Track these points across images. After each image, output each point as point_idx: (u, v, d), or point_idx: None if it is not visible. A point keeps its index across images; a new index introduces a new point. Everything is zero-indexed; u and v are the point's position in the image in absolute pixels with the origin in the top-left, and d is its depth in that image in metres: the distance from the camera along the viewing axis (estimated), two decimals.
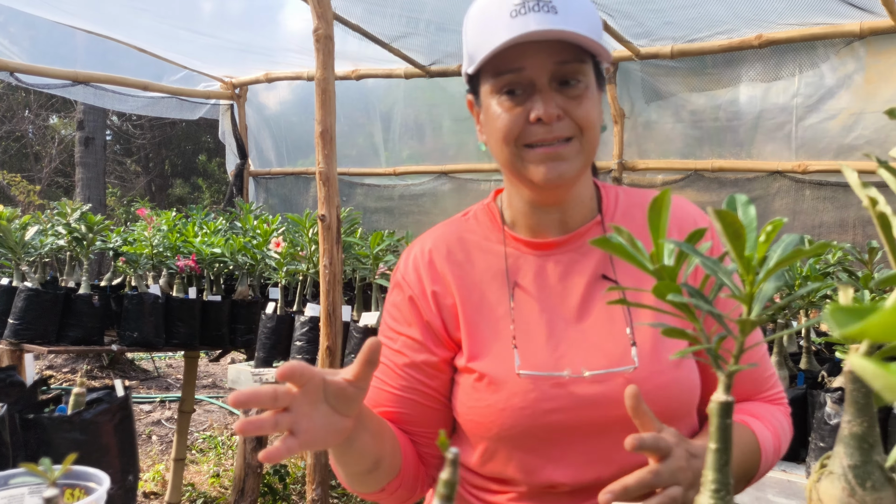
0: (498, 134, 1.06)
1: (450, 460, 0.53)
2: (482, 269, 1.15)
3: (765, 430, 1.09)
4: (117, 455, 1.41)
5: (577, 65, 1.04)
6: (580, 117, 1.05)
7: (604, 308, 1.09)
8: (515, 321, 1.09)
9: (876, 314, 0.25)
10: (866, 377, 0.29)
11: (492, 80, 1.06)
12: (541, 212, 1.14)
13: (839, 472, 0.69)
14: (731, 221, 0.59)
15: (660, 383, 1.04)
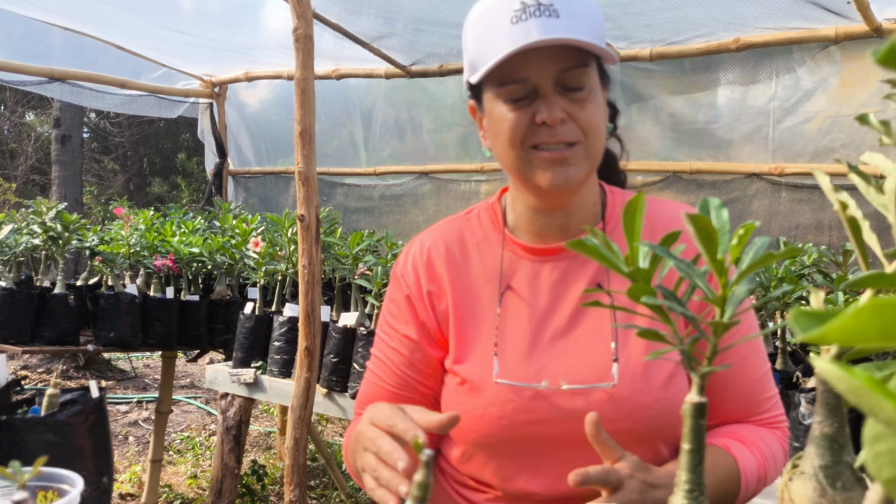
0: (504, 136, 1.05)
1: (424, 462, 0.53)
2: (478, 271, 1.15)
3: (748, 456, 1.04)
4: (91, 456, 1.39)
5: (581, 69, 1.02)
6: (584, 121, 1.04)
7: (593, 320, 1.08)
8: (500, 328, 1.09)
9: (836, 319, 0.25)
10: (830, 380, 0.30)
11: (496, 89, 1.05)
12: (544, 217, 1.13)
13: (810, 473, 0.70)
14: (703, 225, 0.60)
15: (641, 403, 1.02)
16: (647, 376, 1.04)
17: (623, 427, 1.01)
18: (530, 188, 1.08)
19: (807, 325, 0.27)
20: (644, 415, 1.02)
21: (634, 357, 1.05)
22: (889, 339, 0.27)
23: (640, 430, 1.02)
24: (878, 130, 0.66)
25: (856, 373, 0.28)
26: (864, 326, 0.26)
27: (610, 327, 1.07)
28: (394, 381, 1.16)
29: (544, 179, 1.04)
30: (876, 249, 0.66)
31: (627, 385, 1.03)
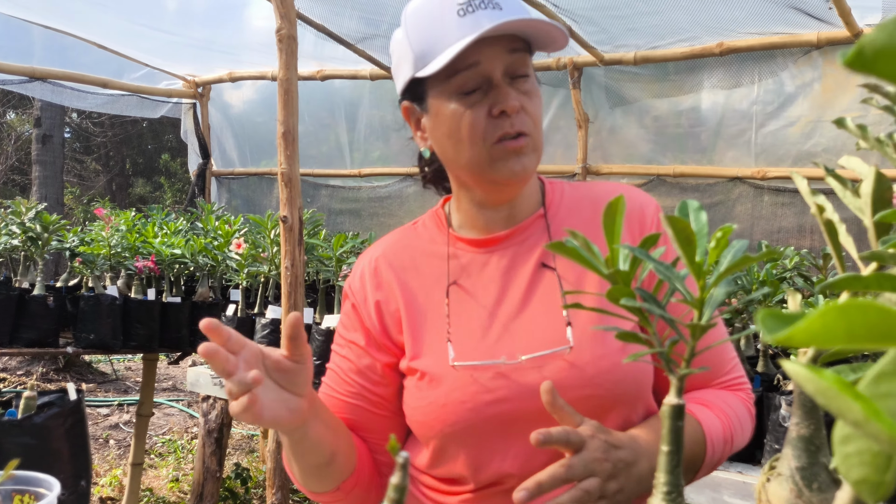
0: (462, 134, 1.06)
1: (400, 464, 0.53)
2: (426, 274, 1.17)
3: (713, 419, 1.05)
4: (69, 460, 1.38)
5: (525, 55, 1.07)
6: (533, 113, 1.07)
7: (544, 295, 1.10)
8: (451, 317, 1.11)
9: (802, 320, 0.25)
10: (799, 382, 0.30)
11: (445, 81, 1.05)
12: (490, 211, 1.15)
13: (787, 474, 0.70)
14: (682, 228, 0.60)
15: (602, 368, 1.03)
16: (604, 342, 1.05)
17: (587, 394, 1.02)
18: (484, 183, 1.10)
19: (773, 327, 0.27)
20: (606, 379, 1.03)
21: (591, 323, 1.06)
22: (855, 339, 0.27)
23: (605, 396, 1.03)
24: (855, 135, 0.67)
25: (824, 375, 0.28)
26: (830, 328, 0.26)
27: (560, 299, 1.09)
28: (344, 389, 1.17)
29: (505, 170, 1.06)
30: (852, 252, 0.67)
31: (587, 351, 1.04)
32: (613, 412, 1.04)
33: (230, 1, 3.96)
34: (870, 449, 0.33)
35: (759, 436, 1.84)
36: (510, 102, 1.04)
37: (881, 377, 0.34)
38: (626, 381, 1.04)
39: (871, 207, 0.62)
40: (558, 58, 3.79)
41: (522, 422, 1.03)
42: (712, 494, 1.72)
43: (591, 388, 1.02)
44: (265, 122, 4.98)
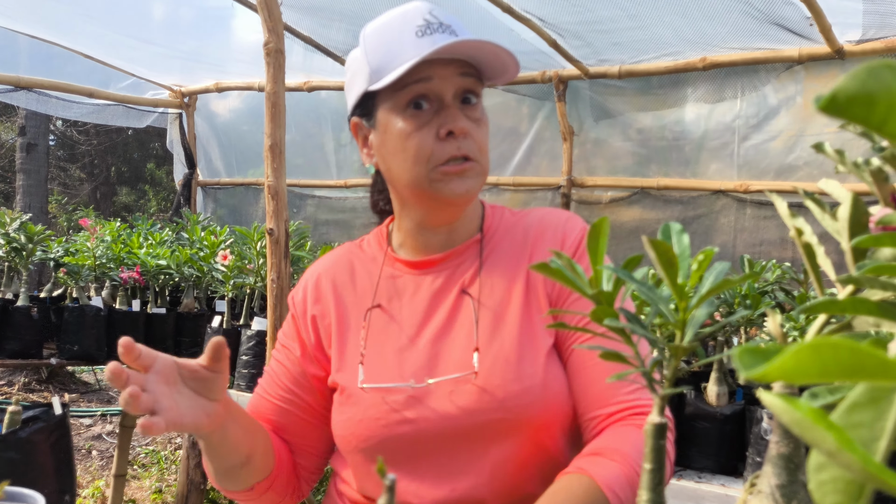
0: (408, 153, 1.07)
1: (387, 487, 0.53)
2: (361, 291, 1.19)
3: (607, 467, 0.97)
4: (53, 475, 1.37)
5: (476, 81, 1.09)
6: (480, 139, 1.09)
7: (464, 320, 1.12)
8: (367, 339, 1.14)
9: (778, 358, 0.26)
10: (775, 411, 0.31)
11: (396, 95, 1.07)
12: (429, 232, 1.17)
13: (767, 492, 0.71)
14: (664, 250, 0.61)
15: (512, 392, 1.04)
16: (518, 365, 1.06)
17: (499, 417, 1.04)
18: (426, 202, 1.12)
19: (750, 364, 0.28)
20: (517, 403, 1.04)
21: (506, 347, 1.08)
22: (827, 376, 0.28)
23: (515, 419, 1.04)
24: (833, 159, 0.69)
25: (799, 406, 0.30)
26: (803, 365, 0.27)
27: (481, 321, 1.11)
28: (276, 393, 1.20)
29: (447, 191, 1.08)
30: (830, 274, 0.68)
31: (498, 375, 1.05)
32: (524, 435, 1.05)
33: (217, 12, 3.97)
34: (843, 476, 0.34)
35: (741, 449, 1.86)
36: (458, 124, 1.06)
37: (853, 408, 0.35)
38: (537, 405, 1.05)
39: (849, 231, 0.64)
40: (543, 71, 3.82)
41: (431, 443, 1.06)
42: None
43: (501, 412, 1.04)
44: (251, 132, 4.97)
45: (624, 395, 1.07)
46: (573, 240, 1.16)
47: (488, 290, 1.13)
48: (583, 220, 1.20)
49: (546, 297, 1.13)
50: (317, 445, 1.21)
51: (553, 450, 1.09)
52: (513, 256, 1.16)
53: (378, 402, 1.08)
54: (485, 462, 1.06)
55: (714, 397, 1.88)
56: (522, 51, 3.61)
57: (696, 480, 1.80)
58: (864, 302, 0.56)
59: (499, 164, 4.17)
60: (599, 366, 1.07)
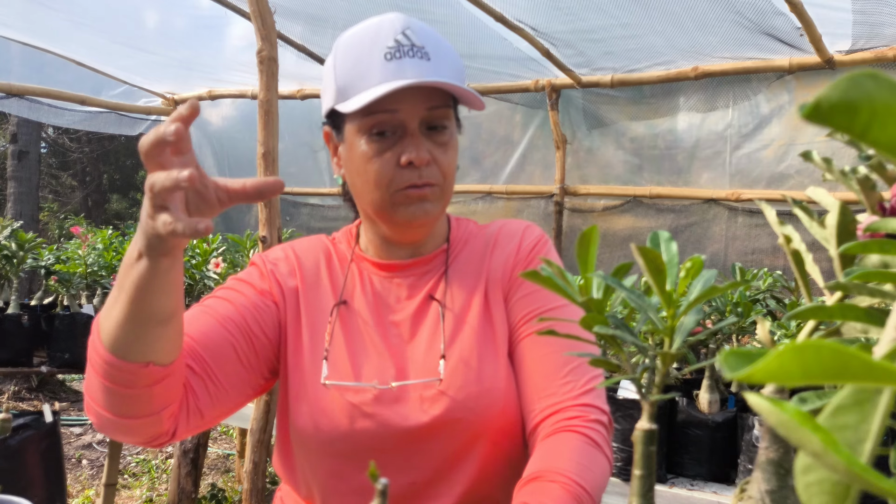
0: (368, 177, 1.07)
1: (379, 491, 0.53)
2: (328, 286, 1.18)
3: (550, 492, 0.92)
4: (44, 483, 1.36)
5: (446, 109, 1.07)
6: (445, 165, 1.08)
7: (429, 326, 1.13)
8: (333, 335, 1.12)
9: (761, 360, 0.26)
10: (761, 413, 0.31)
11: (361, 119, 1.05)
12: (395, 247, 1.17)
13: (757, 497, 0.72)
14: (653, 258, 0.62)
15: (472, 394, 1.06)
16: (479, 369, 1.07)
17: (458, 417, 1.05)
18: (388, 222, 1.12)
19: (734, 366, 0.28)
20: (477, 404, 1.05)
21: (466, 351, 1.09)
22: (811, 377, 0.28)
23: (475, 421, 1.05)
24: (821, 167, 0.69)
25: (785, 408, 0.30)
26: (786, 367, 0.27)
27: (447, 328, 1.11)
28: (224, 312, 1.08)
29: (406, 214, 1.08)
30: (819, 281, 0.69)
31: (460, 377, 1.06)
32: (485, 438, 1.07)
33: (210, 20, 3.97)
34: (830, 478, 0.34)
35: (732, 456, 1.86)
36: (420, 155, 1.04)
37: (839, 410, 0.35)
38: (497, 408, 1.07)
39: (836, 239, 0.64)
40: (536, 80, 3.83)
41: (391, 443, 1.06)
42: None
43: (461, 412, 1.05)
44: (244, 139, 4.97)
45: (564, 393, 1.04)
46: (528, 245, 1.18)
47: (451, 297, 1.14)
48: (540, 229, 1.23)
49: (503, 296, 1.15)
50: (226, 385, 1.05)
51: (514, 453, 1.11)
52: (474, 265, 1.18)
53: (338, 398, 1.07)
54: (445, 464, 1.07)
55: (706, 405, 1.89)
56: (515, 59, 3.63)
57: (689, 488, 1.81)
58: (852, 308, 0.56)
59: (492, 173, 4.19)
60: (543, 359, 1.08)
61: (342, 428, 1.07)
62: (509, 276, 1.16)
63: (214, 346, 1.05)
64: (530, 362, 1.09)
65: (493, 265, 1.17)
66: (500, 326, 1.13)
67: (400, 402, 1.07)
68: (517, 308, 1.13)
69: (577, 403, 1.04)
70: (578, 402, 1.04)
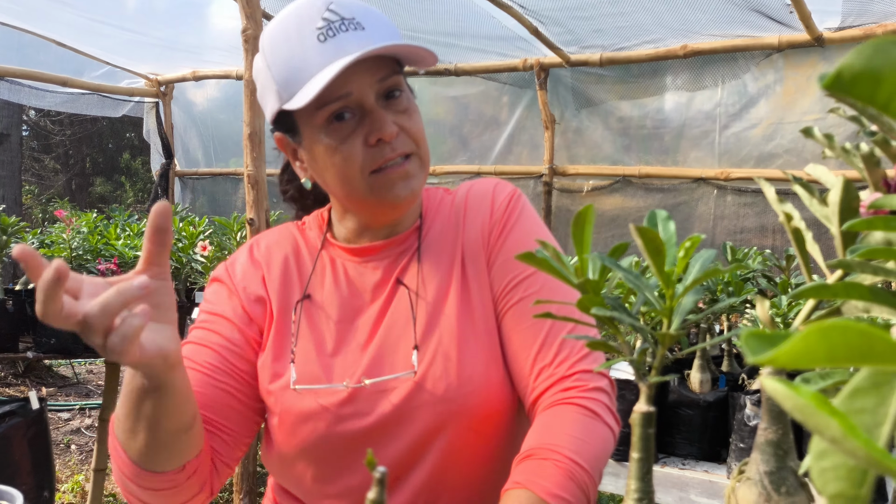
0: (339, 168, 1.01)
1: (377, 479, 0.52)
2: (296, 280, 1.12)
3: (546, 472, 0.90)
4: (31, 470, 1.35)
5: (395, 77, 1.02)
6: (414, 131, 1.03)
7: (400, 315, 1.06)
8: (298, 335, 1.07)
9: (787, 343, 0.25)
10: (777, 398, 0.30)
11: (315, 114, 0.99)
12: (372, 232, 1.12)
13: (756, 478, 0.71)
14: (651, 238, 0.61)
15: (452, 384, 1.00)
16: (459, 356, 1.02)
17: (440, 409, 1.00)
18: (369, 208, 1.06)
19: (757, 349, 0.27)
20: (458, 393, 1.00)
21: (445, 339, 1.03)
22: (836, 360, 0.27)
23: (456, 411, 1.00)
24: (822, 144, 0.68)
25: (802, 391, 0.29)
26: (811, 349, 0.26)
27: (419, 316, 1.05)
28: (205, 361, 1.05)
29: (391, 196, 1.02)
30: (819, 260, 0.68)
31: (439, 368, 1.01)
32: (468, 427, 1.01)
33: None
34: (845, 464, 0.33)
35: (724, 435, 1.86)
36: (386, 129, 0.98)
37: (856, 393, 0.34)
38: (479, 394, 1.01)
39: (839, 216, 0.63)
40: (525, 59, 3.80)
41: (371, 441, 1.02)
42: (679, 494, 1.74)
43: (442, 404, 1.00)
44: (229, 121, 4.92)
45: (559, 364, 1.01)
46: (501, 204, 1.11)
47: (426, 278, 1.08)
48: (511, 185, 1.15)
49: (485, 262, 1.09)
50: (238, 430, 1.07)
51: (500, 441, 1.05)
52: (448, 237, 1.11)
53: (311, 403, 1.02)
54: (429, 458, 1.02)
55: (697, 384, 1.89)
56: (503, 38, 3.60)
57: (680, 467, 1.81)
58: (856, 286, 0.55)
59: (480, 154, 4.16)
60: (532, 329, 1.02)
61: (318, 433, 1.02)
62: (486, 241, 1.09)
63: (212, 402, 1.04)
64: (519, 334, 1.04)
65: (468, 235, 1.10)
66: (481, 303, 1.06)
67: (374, 400, 1.02)
68: (499, 275, 1.07)
69: (572, 372, 0.99)
70: (574, 370, 1.00)
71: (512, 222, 1.10)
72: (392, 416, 1.01)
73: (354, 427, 1.02)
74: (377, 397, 1.02)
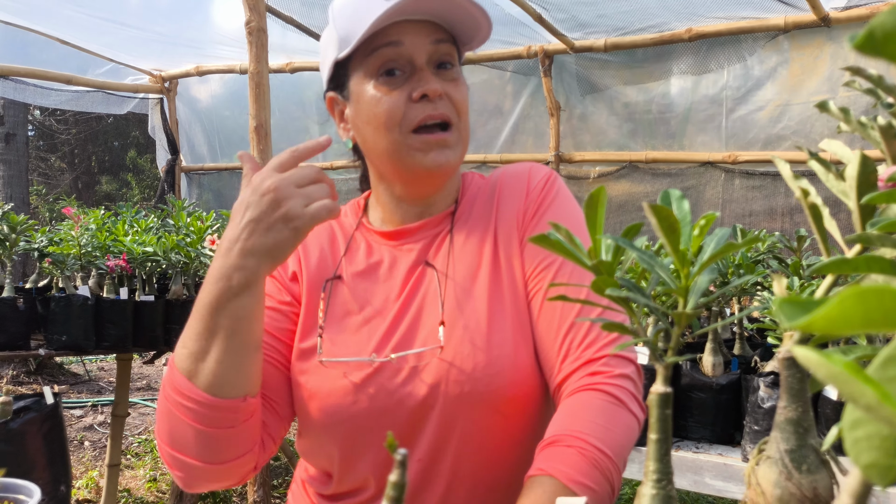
0: (379, 119, 1.03)
1: (398, 462, 0.52)
2: (327, 263, 1.15)
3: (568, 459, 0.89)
4: (47, 465, 1.35)
5: (451, 46, 1.05)
6: (458, 100, 1.05)
7: (431, 293, 1.07)
8: (328, 311, 1.09)
9: (822, 307, 0.25)
10: (810, 366, 0.30)
11: (367, 62, 1.03)
12: (407, 205, 1.13)
13: (776, 457, 0.71)
14: (665, 216, 0.60)
15: (479, 362, 1.00)
16: (487, 335, 1.02)
17: (467, 390, 1.00)
18: (404, 174, 1.08)
19: (793, 314, 0.26)
20: (485, 373, 1.00)
21: (474, 318, 1.03)
22: (872, 325, 0.26)
23: (484, 392, 1.00)
24: (838, 117, 0.67)
25: (835, 359, 0.28)
26: (848, 314, 0.25)
27: (447, 295, 1.06)
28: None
29: (426, 160, 1.03)
30: (837, 236, 0.67)
31: (467, 346, 1.01)
32: (493, 408, 1.01)
33: None
34: (879, 433, 0.33)
35: (737, 418, 1.86)
36: (432, 86, 1.01)
37: (889, 361, 0.33)
38: (506, 375, 1.00)
39: (857, 191, 0.62)
40: (529, 45, 3.79)
41: (395, 418, 1.02)
42: (693, 477, 1.74)
43: (469, 384, 1.00)
44: (234, 116, 4.92)
45: (586, 347, 1.00)
46: (537, 185, 1.12)
47: (457, 259, 1.09)
48: (547, 167, 1.16)
49: (518, 242, 1.09)
50: (284, 403, 1.08)
51: (527, 426, 1.04)
52: (481, 220, 1.12)
53: (338, 376, 1.03)
54: (454, 439, 1.02)
55: (710, 367, 1.88)
56: (507, 25, 3.58)
57: (694, 451, 1.81)
58: (878, 260, 0.54)
59: (485, 143, 4.15)
60: (561, 312, 1.01)
61: (345, 407, 1.03)
62: (521, 222, 1.10)
63: (264, 376, 1.05)
64: (547, 316, 1.03)
65: (502, 215, 1.11)
66: (512, 285, 1.06)
67: (402, 376, 1.02)
68: (531, 256, 1.07)
69: (599, 356, 0.98)
70: (601, 354, 0.98)
71: (547, 203, 1.10)
72: (419, 393, 1.01)
73: (381, 403, 1.02)
74: (405, 373, 1.02)
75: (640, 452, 1.77)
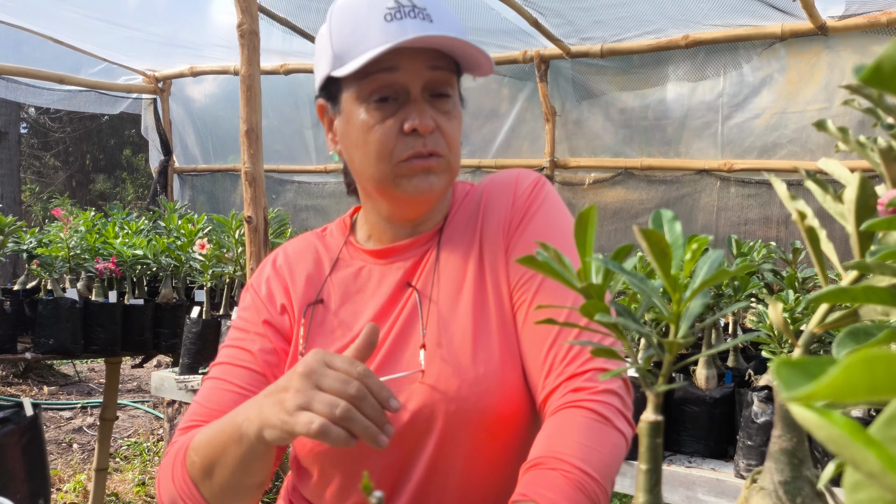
0: (369, 148, 1.01)
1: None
2: (311, 288, 1.12)
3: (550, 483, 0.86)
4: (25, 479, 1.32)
5: (449, 74, 1.02)
6: (450, 134, 1.03)
7: (412, 316, 1.05)
8: (308, 337, 1.07)
9: (827, 375, 0.22)
10: (809, 427, 0.27)
11: (360, 84, 1.00)
12: (396, 227, 1.11)
13: (770, 488, 0.68)
14: (656, 241, 0.58)
15: (466, 380, 0.98)
16: (473, 354, 1.00)
17: (453, 408, 0.98)
18: (390, 198, 1.06)
19: (792, 381, 0.24)
20: (470, 392, 0.98)
21: (458, 339, 1.01)
22: (879, 393, 0.24)
23: (470, 410, 0.98)
24: (836, 137, 0.65)
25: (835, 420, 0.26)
26: (854, 382, 0.23)
27: (430, 316, 1.04)
28: (239, 381, 1.06)
29: (409, 187, 1.02)
30: (834, 261, 0.65)
31: (452, 366, 0.99)
32: (480, 428, 0.99)
33: None
34: (882, 498, 0.30)
35: (731, 432, 1.84)
36: (424, 121, 0.99)
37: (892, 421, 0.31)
38: (493, 394, 0.98)
39: (855, 215, 0.60)
40: (524, 50, 3.76)
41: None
42: (686, 493, 1.71)
43: (455, 404, 0.98)
44: (228, 117, 4.88)
45: (570, 361, 0.97)
46: (524, 192, 1.09)
47: (441, 278, 1.06)
48: (536, 173, 1.13)
49: (503, 253, 1.07)
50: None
51: (517, 445, 1.02)
52: (466, 234, 1.09)
53: None
54: (444, 462, 1.00)
55: (703, 380, 1.86)
56: (503, 30, 3.56)
57: (687, 465, 1.78)
58: (876, 290, 0.52)
59: (480, 147, 4.13)
60: (536, 330, 1.00)
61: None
62: (507, 230, 1.07)
63: None
64: (532, 329, 1.01)
65: (487, 227, 1.08)
66: (497, 299, 1.04)
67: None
68: (515, 266, 1.05)
69: (583, 371, 0.95)
70: (584, 368, 0.95)
71: (534, 210, 1.08)
72: (402, 419, 0.99)
73: None
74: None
75: (631, 466, 1.74)
